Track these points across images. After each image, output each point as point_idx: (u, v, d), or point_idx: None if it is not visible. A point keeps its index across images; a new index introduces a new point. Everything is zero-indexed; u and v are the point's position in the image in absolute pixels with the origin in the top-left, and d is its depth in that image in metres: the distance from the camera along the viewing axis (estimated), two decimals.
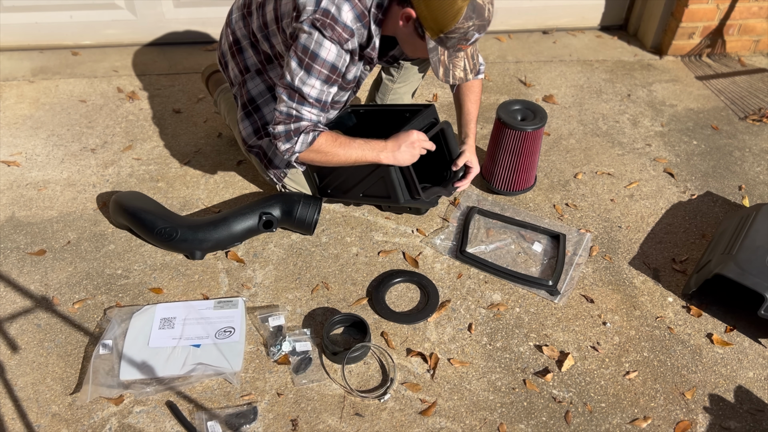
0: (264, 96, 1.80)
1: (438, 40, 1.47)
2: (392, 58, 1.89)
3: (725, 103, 2.62)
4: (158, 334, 1.59)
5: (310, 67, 1.51)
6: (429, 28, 1.45)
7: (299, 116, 1.58)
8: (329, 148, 1.62)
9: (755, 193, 2.15)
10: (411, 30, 1.51)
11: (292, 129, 1.58)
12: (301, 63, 1.51)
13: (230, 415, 1.45)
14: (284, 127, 1.59)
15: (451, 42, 1.47)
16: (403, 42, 1.60)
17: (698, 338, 1.67)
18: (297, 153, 1.62)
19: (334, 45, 1.49)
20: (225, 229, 1.80)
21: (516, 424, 1.46)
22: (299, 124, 1.58)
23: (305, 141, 1.60)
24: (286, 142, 1.60)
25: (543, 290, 1.77)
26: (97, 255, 1.84)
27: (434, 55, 1.50)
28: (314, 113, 1.59)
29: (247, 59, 1.78)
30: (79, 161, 2.19)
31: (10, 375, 1.53)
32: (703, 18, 2.80)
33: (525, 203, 2.08)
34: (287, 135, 1.59)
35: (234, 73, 1.84)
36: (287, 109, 1.57)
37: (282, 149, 1.62)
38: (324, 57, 1.50)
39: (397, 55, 1.87)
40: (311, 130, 1.60)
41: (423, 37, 1.49)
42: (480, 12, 1.43)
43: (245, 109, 1.84)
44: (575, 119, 2.50)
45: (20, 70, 2.67)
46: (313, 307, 1.71)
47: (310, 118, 1.59)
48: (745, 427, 1.47)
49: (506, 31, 3.09)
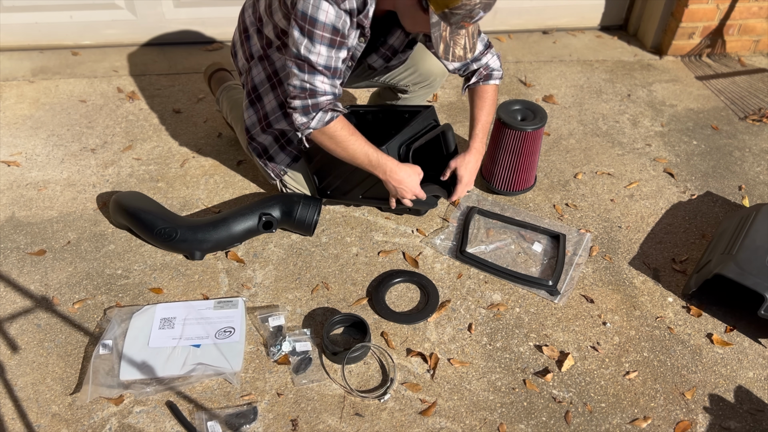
0: (264, 85, 1.79)
1: (442, 15, 1.43)
2: (391, 50, 1.82)
3: (725, 103, 2.62)
4: (158, 334, 1.59)
5: (312, 33, 1.49)
6: (434, 1, 1.41)
7: (313, 89, 1.55)
8: (342, 137, 1.61)
9: (755, 193, 2.15)
10: (414, 2, 1.47)
11: (310, 104, 1.56)
12: (303, 30, 1.49)
13: (230, 415, 1.45)
14: (301, 102, 1.57)
15: (455, 18, 1.43)
16: (403, 14, 1.56)
17: (698, 338, 1.67)
18: (311, 129, 1.60)
19: (332, 6, 1.46)
20: (224, 230, 1.80)
21: (516, 424, 1.46)
22: (317, 99, 1.56)
23: (322, 119, 1.58)
24: (303, 116, 1.58)
25: (543, 290, 1.77)
26: (97, 255, 1.84)
27: (436, 30, 1.46)
28: (327, 83, 1.56)
29: (252, 46, 1.77)
30: (79, 161, 2.19)
31: (10, 375, 1.53)
32: (703, 18, 2.80)
33: (525, 203, 2.08)
34: (305, 109, 1.57)
35: (242, 62, 1.84)
36: (300, 83, 1.55)
37: (298, 122, 1.60)
38: (323, 20, 1.47)
39: (396, 46, 1.81)
40: (330, 109, 1.58)
41: (426, 10, 1.45)
42: None
43: (249, 96, 1.83)
44: (575, 119, 2.50)
45: (20, 70, 2.67)
46: (313, 307, 1.71)
47: (324, 89, 1.56)
48: (745, 427, 1.47)
49: (506, 31, 3.09)
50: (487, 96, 1.82)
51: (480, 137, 1.82)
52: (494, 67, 1.82)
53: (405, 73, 1.96)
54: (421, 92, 2.04)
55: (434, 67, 1.96)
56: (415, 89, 2.02)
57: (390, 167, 1.68)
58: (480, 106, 1.82)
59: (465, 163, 1.80)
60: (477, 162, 1.82)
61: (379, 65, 1.86)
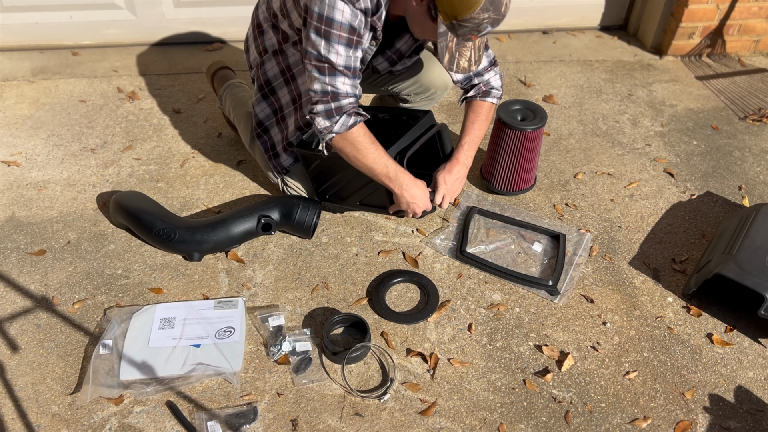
0: (278, 79, 1.79)
1: (450, 26, 1.44)
2: (397, 54, 1.82)
3: (725, 103, 2.62)
4: (158, 334, 1.59)
5: (329, 33, 1.48)
6: (443, 11, 1.42)
7: (336, 91, 1.55)
8: (363, 144, 1.61)
9: (755, 193, 2.15)
10: (424, 10, 1.48)
11: (333, 108, 1.56)
12: (319, 32, 1.49)
13: (230, 415, 1.45)
14: (324, 106, 1.56)
15: (462, 30, 1.44)
16: (412, 21, 1.56)
17: (698, 338, 1.67)
18: (334, 134, 1.59)
19: (347, 5, 1.45)
20: (223, 231, 1.80)
21: (516, 424, 1.46)
22: (339, 102, 1.56)
23: (346, 123, 1.58)
24: (326, 119, 1.57)
25: (543, 290, 1.77)
26: (97, 255, 1.84)
27: (442, 41, 1.47)
28: (348, 84, 1.56)
29: (267, 41, 1.77)
30: (79, 161, 2.19)
31: (10, 375, 1.53)
32: (703, 18, 2.80)
33: (525, 203, 2.08)
34: (328, 113, 1.56)
35: (254, 56, 1.84)
36: (321, 86, 1.55)
37: (321, 127, 1.59)
38: (339, 20, 1.47)
39: (403, 50, 1.81)
40: (354, 113, 1.58)
41: (435, 19, 1.46)
42: (497, 6, 1.41)
43: (262, 90, 1.83)
44: (575, 119, 2.50)
45: (20, 70, 2.67)
46: (313, 307, 1.71)
47: (346, 91, 1.56)
48: (745, 427, 1.47)
49: (506, 31, 3.09)
50: (481, 111, 1.83)
51: (466, 149, 1.82)
52: (494, 86, 1.82)
53: (407, 83, 1.96)
54: (422, 103, 2.05)
55: (436, 80, 1.96)
56: (416, 99, 2.02)
57: (407, 182, 1.69)
58: (472, 120, 1.83)
59: (444, 173, 1.80)
60: (459, 172, 1.81)
61: (383, 68, 1.86)
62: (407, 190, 1.71)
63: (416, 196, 1.73)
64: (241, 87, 2.15)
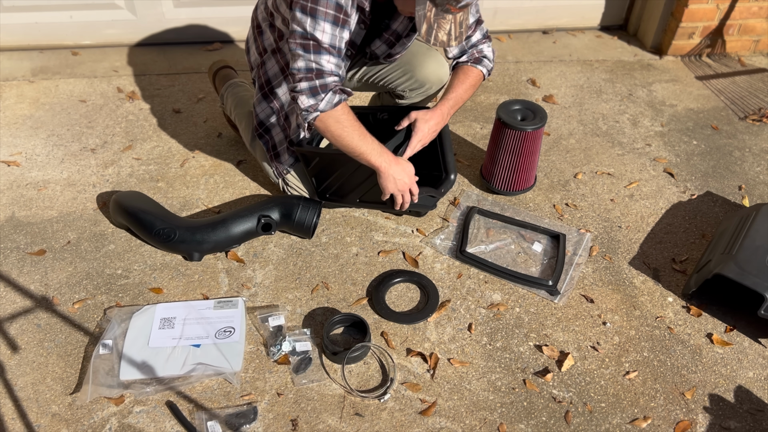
0: (278, 78, 1.79)
1: None
2: (394, 35, 1.79)
3: (725, 103, 2.62)
4: (158, 334, 1.59)
5: (315, 10, 1.47)
6: None
7: (320, 68, 1.53)
8: (346, 121, 1.59)
9: (755, 193, 2.15)
10: None
11: (318, 85, 1.53)
12: (305, 9, 1.47)
13: (230, 415, 1.45)
14: (308, 83, 1.53)
15: None
16: None
17: (698, 338, 1.67)
18: (320, 112, 1.56)
19: None
20: (223, 232, 1.80)
21: (516, 424, 1.46)
22: (324, 80, 1.53)
23: (331, 101, 1.55)
24: (310, 97, 1.54)
25: (543, 290, 1.77)
26: (97, 255, 1.84)
27: (421, 9, 1.45)
28: (333, 62, 1.54)
29: (265, 41, 1.77)
30: (79, 161, 2.19)
31: (10, 375, 1.53)
32: (703, 18, 2.80)
33: (525, 203, 2.08)
34: (312, 90, 1.54)
35: (254, 57, 1.85)
36: (306, 63, 1.52)
37: (305, 105, 1.55)
38: None
39: (400, 30, 1.78)
40: (339, 90, 1.56)
41: None
42: None
43: (262, 90, 1.84)
44: (575, 119, 2.50)
45: (20, 70, 2.67)
46: (313, 307, 1.71)
47: (330, 69, 1.54)
48: (745, 427, 1.47)
49: (506, 31, 3.09)
50: (471, 74, 1.81)
51: (448, 104, 1.79)
52: (487, 55, 1.82)
53: (402, 78, 1.96)
54: (418, 98, 2.04)
55: (431, 74, 1.96)
56: (412, 95, 2.02)
57: (390, 159, 1.68)
58: (462, 80, 1.80)
59: (426, 119, 1.76)
60: (437, 123, 1.78)
61: (382, 51, 1.84)
62: (391, 165, 1.68)
63: (401, 171, 1.70)
64: (243, 86, 2.15)
